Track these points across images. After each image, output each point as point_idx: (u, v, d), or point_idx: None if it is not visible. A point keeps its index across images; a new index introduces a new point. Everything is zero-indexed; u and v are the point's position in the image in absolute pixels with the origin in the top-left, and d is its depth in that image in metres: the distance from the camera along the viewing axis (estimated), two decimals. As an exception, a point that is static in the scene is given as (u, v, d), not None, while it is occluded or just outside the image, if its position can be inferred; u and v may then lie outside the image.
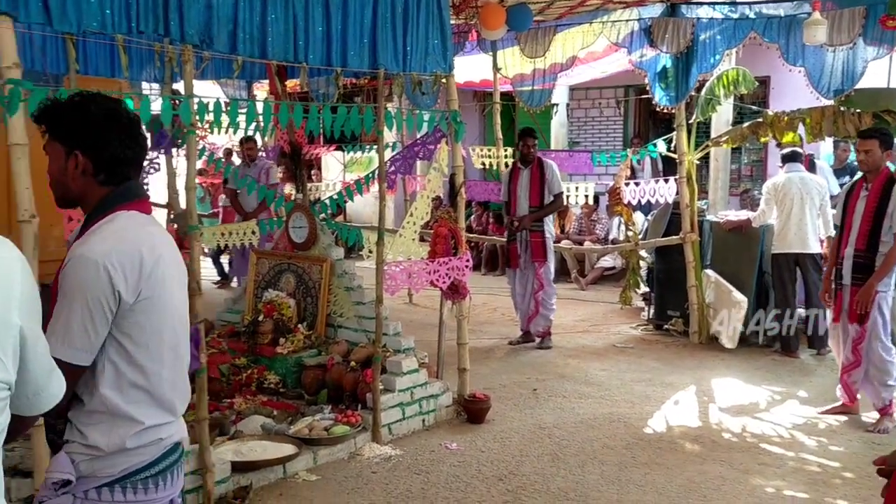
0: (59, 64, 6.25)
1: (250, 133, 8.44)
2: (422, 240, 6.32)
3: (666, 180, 8.31)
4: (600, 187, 10.78)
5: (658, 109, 8.19)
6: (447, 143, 5.79)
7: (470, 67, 9.73)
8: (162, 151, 6.41)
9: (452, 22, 6.33)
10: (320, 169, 15.35)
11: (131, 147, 2.15)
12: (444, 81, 5.58)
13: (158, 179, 7.04)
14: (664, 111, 8.10)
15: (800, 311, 7.37)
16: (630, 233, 8.40)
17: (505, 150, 9.43)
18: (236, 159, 13.06)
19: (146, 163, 6.41)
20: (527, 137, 7.72)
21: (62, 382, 1.76)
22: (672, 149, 8.22)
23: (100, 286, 1.97)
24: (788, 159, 7.33)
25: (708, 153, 9.66)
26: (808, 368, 7.05)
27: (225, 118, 4.43)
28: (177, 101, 4.23)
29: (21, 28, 4.66)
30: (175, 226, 6.91)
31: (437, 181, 6.16)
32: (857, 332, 5.50)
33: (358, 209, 14.18)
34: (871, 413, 5.64)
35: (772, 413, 5.87)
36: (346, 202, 6.81)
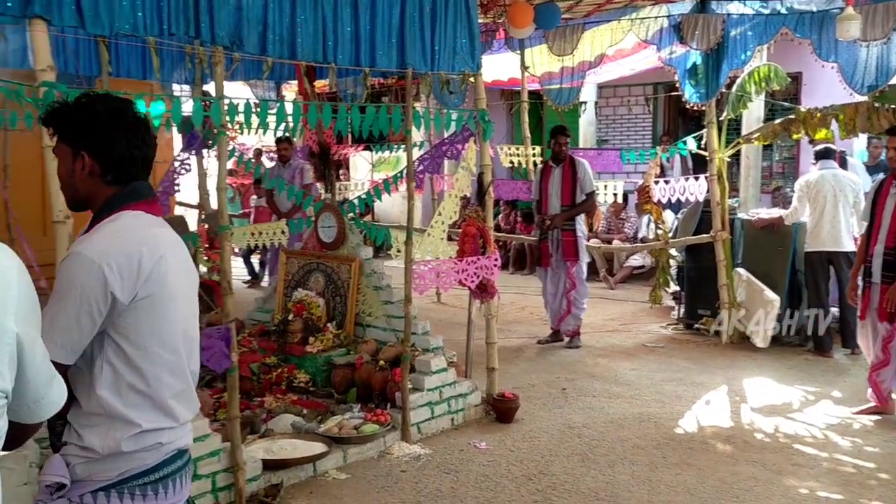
0: (92, 66, 6.37)
1: (280, 134, 8.53)
2: (450, 239, 6.31)
3: (696, 178, 8.25)
4: (629, 185, 10.72)
5: (687, 107, 8.13)
6: (475, 142, 5.78)
7: (498, 66, 9.72)
8: (193, 152, 6.47)
9: (480, 21, 6.33)
10: (348, 169, 15.44)
11: (138, 147, 2.11)
12: (472, 80, 5.58)
13: (190, 180, 7.11)
14: (693, 108, 8.04)
15: (833, 311, 7.28)
16: (660, 231, 8.34)
17: (533, 149, 9.41)
18: (266, 160, 13.18)
19: (177, 164, 6.52)
20: (559, 135, 7.67)
21: (63, 389, 1.73)
22: (702, 146, 8.15)
23: (92, 285, 1.92)
24: (822, 156, 7.25)
25: (739, 150, 9.55)
26: (842, 368, 6.95)
27: (255, 119, 4.46)
28: (208, 103, 4.26)
29: (55, 31, 4.75)
30: (206, 226, 6.98)
31: (466, 180, 6.16)
32: (888, 331, 5.42)
33: (386, 209, 14.21)
34: (907, 413, 5.56)
35: (805, 413, 5.79)
36: (375, 202, 6.83)
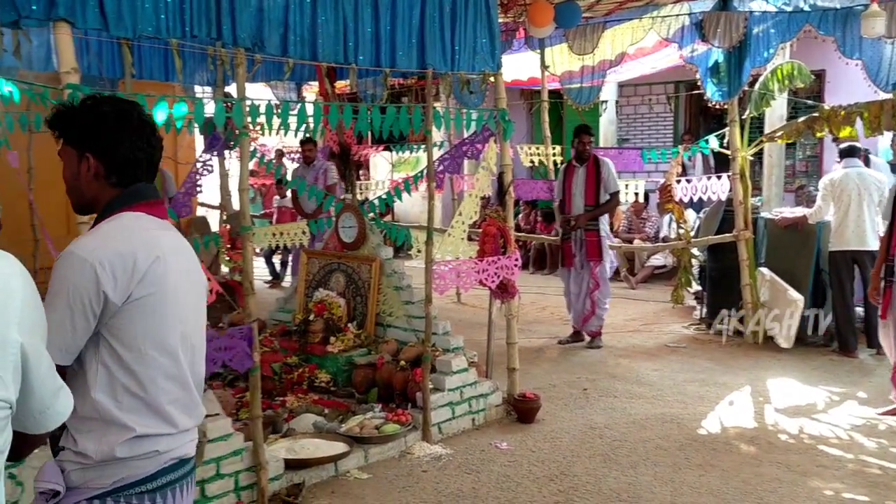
0: (115, 68, 6.43)
1: (301, 135, 8.57)
2: (470, 239, 6.31)
3: (718, 177, 8.19)
4: (650, 185, 10.67)
5: (709, 105, 8.07)
6: (495, 142, 5.78)
7: (517, 65, 9.71)
8: (215, 154, 6.52)
9: (500, 20, 6.32)
10: (369, 169, 15.48)
11: (143, 148, 2.08)
12: (493, 80, 5.58)
13: (212, 181, 7.17)
14: (716, 107, 7.98)
15: (858, 310, 7.20)
16: (682, 230, 8.29)
17: (553, 148, 9.38)
18: (287, 161, 13.24)
19: (199, 165, 6.57)
20: (582, 135, 7.63)
21: (69, 400, 1.69)
22: (724, 145, 8.09)
23: (84, 284, 1.88)
24: (846, 154, 7.18)
25: (762, 149, 9.48)
26: (867, 368, 6.87)
27: (276, 120, 4.49)
28: (230, 104, 4.29)
29: (78, 34, 4.81)
30: (228, 226, 7.03)
31: (486, 180, 6.16)
32: (909, 331, 5.36)
33: (406, 209, 14.25)
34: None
35: (829, 414, 5.73)
36: (395, 202, 6.84)
